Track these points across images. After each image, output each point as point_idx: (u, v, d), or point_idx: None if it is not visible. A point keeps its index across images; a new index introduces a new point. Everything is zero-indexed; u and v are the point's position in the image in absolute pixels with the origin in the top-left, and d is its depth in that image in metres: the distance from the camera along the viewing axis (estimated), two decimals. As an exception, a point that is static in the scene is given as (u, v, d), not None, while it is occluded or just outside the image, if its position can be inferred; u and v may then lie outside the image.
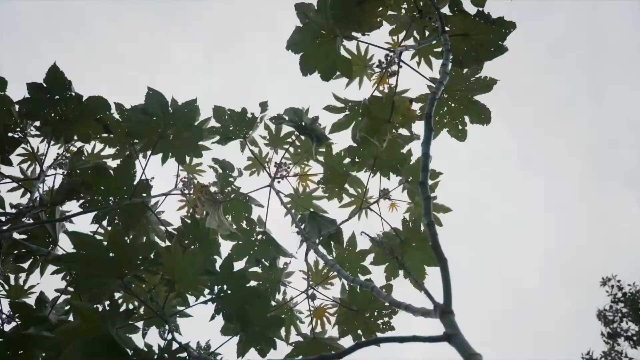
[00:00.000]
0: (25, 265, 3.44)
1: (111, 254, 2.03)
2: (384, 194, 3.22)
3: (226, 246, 3.36)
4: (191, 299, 2.52)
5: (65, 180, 3.04)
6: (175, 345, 2.08)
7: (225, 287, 2.26)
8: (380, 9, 2.49)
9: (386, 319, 2.93)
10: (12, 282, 3.78)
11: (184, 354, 2.05)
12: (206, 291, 2.38)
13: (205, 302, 2.27)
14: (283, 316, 3.21)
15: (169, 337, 2.10)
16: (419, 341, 1.46)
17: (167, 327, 2.12)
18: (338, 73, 2.97)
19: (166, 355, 2.04)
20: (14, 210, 2.92)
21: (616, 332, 13.02)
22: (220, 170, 3.52)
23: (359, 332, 2.99)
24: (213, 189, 3.51)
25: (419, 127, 2.90)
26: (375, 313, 2.93)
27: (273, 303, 3.09)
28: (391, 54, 2.84)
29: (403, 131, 2.87)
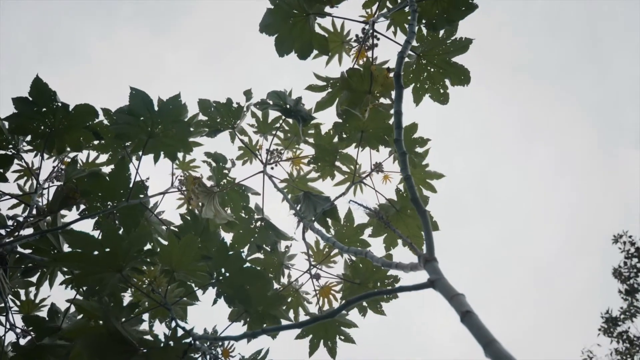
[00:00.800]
0: (34, 279, 3.49)
1: (107, 249, 2.06)
2: (376, 167, 3.23)
3: (228, 238, 3.40)
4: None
5: (59, 188, 3.07)
6: (180, 332, 2.11)
7: (223, 270, 2.29)
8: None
9: (389, 288, 2.95)
10: (23, 297, 3.82)
11: (190, 339, 2.08)
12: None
13: (203, 287, 2.30)
14: (290, 299, 3.24)
15: (173, 324, 2.12)
16: (404, 291, 1.49)
17: (171, 315, 2.14)
18: (316, 52, 3.01)
19: (171, 342, 2.07)
20: (11, 223, 2.94)
21: (633, 287, 12.99)
22: (213, 164, 3.55)
23: (364, 304, 3.02)
24: (209, 183, 3.54)
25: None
26: (378, 284, 2.95)
27: (277, 286, 3.13)
28: (366, 26, 2.85)
29: (384, 100, 2.88)
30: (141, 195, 3.40)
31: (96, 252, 2.06)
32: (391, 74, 2.83)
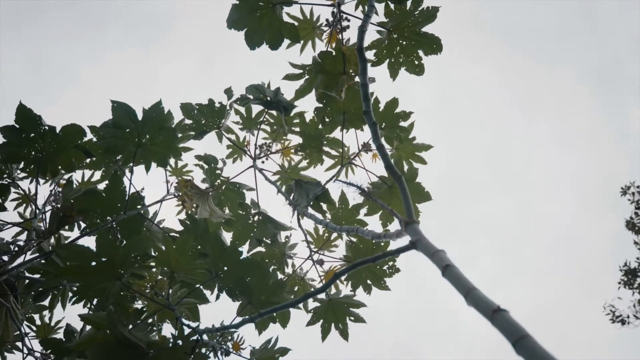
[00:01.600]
0: (46, 302, 3.53)
1: (103, 259, 2.10)
2: (364, 146, 3.26)
3: (229, 236, 3.43)
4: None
5: (55, 208, 3.10)
6: (187, 331, 2.15)
7: (221, 265, 2.32)
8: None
9: (391, 263, 2.99)
10: (38, 322, 3.87)
11: (196, 336, 2.12)
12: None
13: (205, 284, 2.33)
14: (296, 287, 3.28)
15: (180, 324, 2.16)
16: (389, 256, 1.52)
17: (175, 315, 2.18)
18: (289, 42, 3.03)
19: (179, 341, 2.11)
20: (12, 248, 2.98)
21: (647, 237, 12.98)
22: (205, 166, 3.58)
23: (368, 282, 3.05)
24: (204, 185, 3.57)
25: (373, 71, 2.93)
26: (380, 261, 2.98)
27: (281, 276, 3.17)
28: (334, 9, 2.87)
29: (358, 79, 2.89)
30: (138, 206, 3.44)
31: (94, 263, 2.10)
32: (369, 56, 2.85)
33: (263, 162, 3.52)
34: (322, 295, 3.22)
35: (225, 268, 2.32)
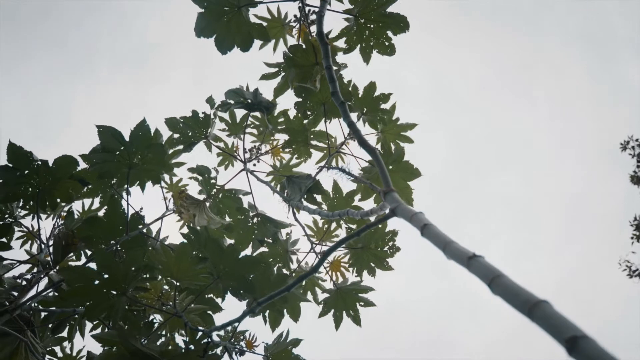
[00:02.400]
0: (64, 333, 3.58)
1: (105, 276, 2.14)
2: (350, 134, 3.29)
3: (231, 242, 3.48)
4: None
5: (57, 238, 3.15)
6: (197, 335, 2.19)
7: (221, 266, 2.36)
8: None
9: (391, 244, 3.03)
10: (60, 354, 3.92)
11: (206, 339, 2.16)
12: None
13: (209, 288, 2.37)
14: (304, 282, 3.32)
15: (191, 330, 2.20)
16: (371, 227, 1.55)
17: (184, 321, 2.22)
18: (262, 42, 3.07)
19: (192, 346, 2.15)
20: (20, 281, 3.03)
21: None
22: (200, 177, 3.63)
23: (372, 264, 3.09)
24: (201, 196, 3.62)
25: (342, 58, 2.97)
26: (380, 242, 3.02)
27: (286, 272, 3.21)
28: (298, 3, 2.91)
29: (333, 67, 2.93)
30: (140, 226, 3.49)
31: (97, 282, 2.14)
32: (341, 44, 2.89)
33: (254, 164, 3.57)
34: (330, 286, 3.27)
35: (226, 269, 2.36)
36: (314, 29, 3.05)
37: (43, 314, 3.42)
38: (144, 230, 3.53)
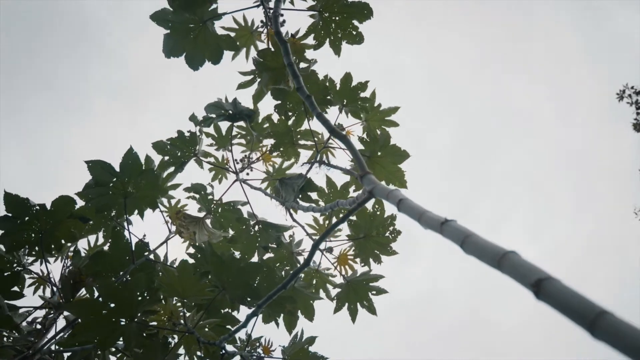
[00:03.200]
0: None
1: (111, 304, 2.17)
2: (338, 128, 3.30)
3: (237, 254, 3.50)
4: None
5: (63, 278, 3.18)
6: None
7: (224, 277, 2.38)
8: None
9: (391, 228, 3.04)
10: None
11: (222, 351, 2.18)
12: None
13: (210, 302, 2.39)
14: (314, 281, 3.34)
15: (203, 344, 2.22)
16: (352, 212, 1.57)
17: (196, 337, 2.25)
18: (233, 53, 3.10)
19: (208, 359, 2.17)
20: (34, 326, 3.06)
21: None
22: (197, 195, 3.65)
23: (376, 251, 3.10)
24: (201, 213, 3.64)
25: (312, 54, 2.99)
26: (380, 229, 3.04)
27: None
28: (264, 10, 2.93)
29: (303, 65, 2.95)
30: (145, 253, 3.51)
31: (104, 312, 2.17)
32: (303, 40, 2.91)
33: (247, 174, 3.59)
34: (340, 281, 3.28)
35: (229, 279, 2.38)
36: (285, 30, 3.07)
37: (66, 355, 3.46)
38: (151, 256, 3.56)
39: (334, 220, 3.34)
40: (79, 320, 2.45)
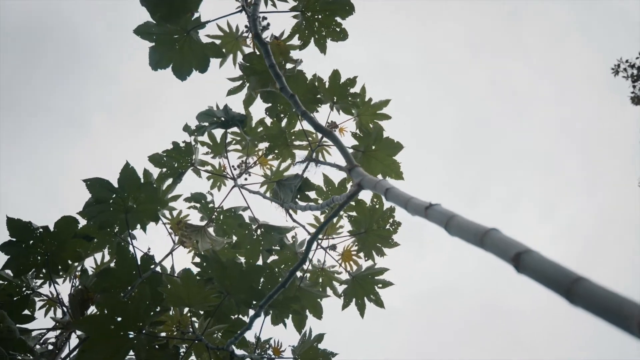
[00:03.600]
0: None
1: (118, 319, 2.18)
2: (330, 126, 3.32)
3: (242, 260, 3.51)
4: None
5: (70, 297, 3.20)
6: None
7: (227, 282, 2.40)
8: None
9: (391, 220, 3.05)
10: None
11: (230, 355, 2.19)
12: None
13: (215, 308, 2.41)
14: (321, 279, 3.35)
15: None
16: (344, 205, 1.58)
17: (205, 344, 2.26)
18: (221, 60, 3.12)
19: (218, 365, 2.19)
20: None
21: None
22: (198, 205, 3.67)
23: (378, 245, 3.11)
24: (203, 222, 3.66)
25: (297, 54, 3.00)
26: (380, 222, 3.05)
27: (299, 274, 3.23)
28: (242, 13, 2.94)
29: (289, 66, 2.97)
30: (152, 266, 3.53)
31: (112, 326, 2.19)
32: (296, 41, 2.93)
33: (246, 178, 3.60)
34: (346, 277, 3.30)
35: (232, 283, 2.39)
36: (266, 34, 3.09)
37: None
38: (158, 269, 3.58)
39: (335, 218, 3.35)
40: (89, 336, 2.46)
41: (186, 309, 2.45)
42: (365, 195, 3.32)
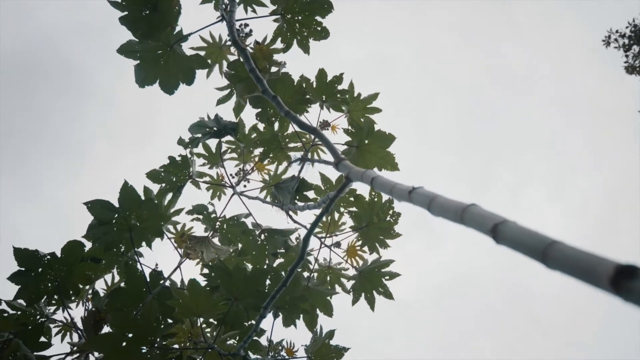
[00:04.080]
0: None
1: (129, 335, 2.21)
2: (322, 125, 3.35)
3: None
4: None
5: (83, 319, 3.23)
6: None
7: (233, 288, 2.42)
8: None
9: (391, 212, 3.07)
10: None
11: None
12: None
13: (225, 315, 2.43)
14: (329, 278, 3.37)
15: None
16: (335, 199, 1.60)
17: (217, 351, 2.28)
18: (206, 70, 3.15)
19: (232, 370, 2.21)
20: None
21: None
22: (200, 216, 3.70)
23: (380, 237, 3.13)
24: (206, 233, 3.69)
25: (281, 56, 3.02)
26: (381, 214, 3.07)
27: (306, 275, 3.25)
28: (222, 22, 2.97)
29: (274, 69, 2.99)
30: (161, 282, 3.56)
31: (124, 343, 2.22)
32: (279, 45, 2.96)
33: (245, 185, 3.63)
34: (353, 272, 3.32)
35: (239, 289, 2.42)
36: (249, 40, 3.12)
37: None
38: (167, 283, 3.61)
39: (335, 214, 3.38)
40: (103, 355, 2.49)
41: (200, 320, 2.47)
42: (364, 190, 3.34)
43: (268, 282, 2.49)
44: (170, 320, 2.43)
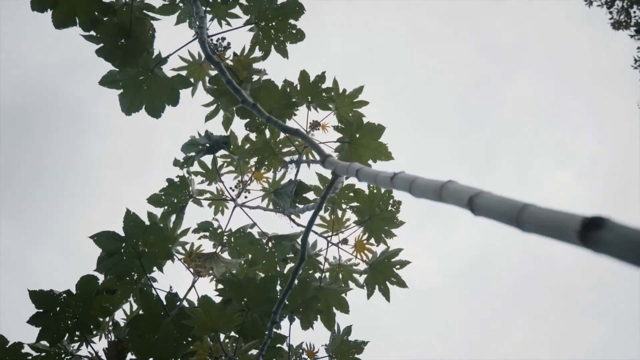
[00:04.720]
0: None
1: (150, 359, 2.23)
2: (313, 125, 3.37)
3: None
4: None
5: (106, 351, 3.26)
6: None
7: (246, 298, 2.44)
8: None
9: (391, 201, 3.09)
10: None
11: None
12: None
13: (240, 326, 2.45)
14: (340, 275, 3.38)
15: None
16: (327, 195, 1.62)
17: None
18: (190, 88, 3.17)
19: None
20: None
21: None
22: (207, 233, 3.73)
23: (385, 227, 3.15)
24: (217, 249, 3.71)
25: (268, 64, 3.05)
26: (382, 204, 3.09)
27: (317, 275, 3.27)
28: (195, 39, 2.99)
29: (255, 77, 3.01)
30: (177, 303, 3.58)
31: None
32: (258, 53, 2.98)
33: (246, 197, 3.65)
34: (364, 266, 3.33)
35: (250, 299, 2.44)
36: (228, 54, 3.14)
37: None
38: (185, 303, 3.63)
39: (338, 211, 3.39)
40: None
41: (222, 335, 2.49)
42: (364, 184, 3.35)
43: (279, 287, 2.51)
44: (190, 339, 2.45)
